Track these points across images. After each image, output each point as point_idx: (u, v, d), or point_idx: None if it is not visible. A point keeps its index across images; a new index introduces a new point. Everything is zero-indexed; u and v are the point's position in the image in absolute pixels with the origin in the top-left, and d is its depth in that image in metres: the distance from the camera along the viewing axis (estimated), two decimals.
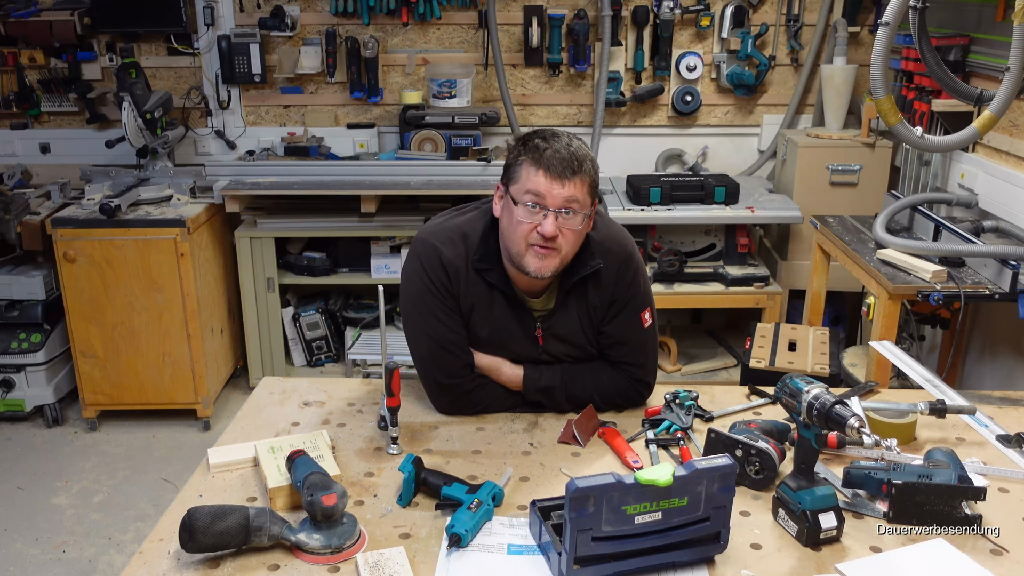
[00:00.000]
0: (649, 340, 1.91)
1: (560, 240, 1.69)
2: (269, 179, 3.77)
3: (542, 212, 1.67)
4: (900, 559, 1.38)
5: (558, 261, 1.72)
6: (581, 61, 3.97)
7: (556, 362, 1.87)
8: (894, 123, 2.60)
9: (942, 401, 1.76)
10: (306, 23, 4.00)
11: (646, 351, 1.90)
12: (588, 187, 1.69)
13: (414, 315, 1.84)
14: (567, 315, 1.85)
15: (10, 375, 3.68)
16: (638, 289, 1.86)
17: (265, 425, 1.81)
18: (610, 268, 1.82)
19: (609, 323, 1.86)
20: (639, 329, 1.88)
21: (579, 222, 1.70)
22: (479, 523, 1.44)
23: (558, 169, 1.66)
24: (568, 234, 1.70)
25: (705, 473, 1.32)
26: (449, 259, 1.79)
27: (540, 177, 1.66)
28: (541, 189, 1.66)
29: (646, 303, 1.90)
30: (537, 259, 1.71)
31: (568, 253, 1.73)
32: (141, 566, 1.36)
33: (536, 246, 1.70)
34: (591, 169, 1.70)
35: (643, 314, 1.88)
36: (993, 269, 2.65)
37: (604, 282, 1.82)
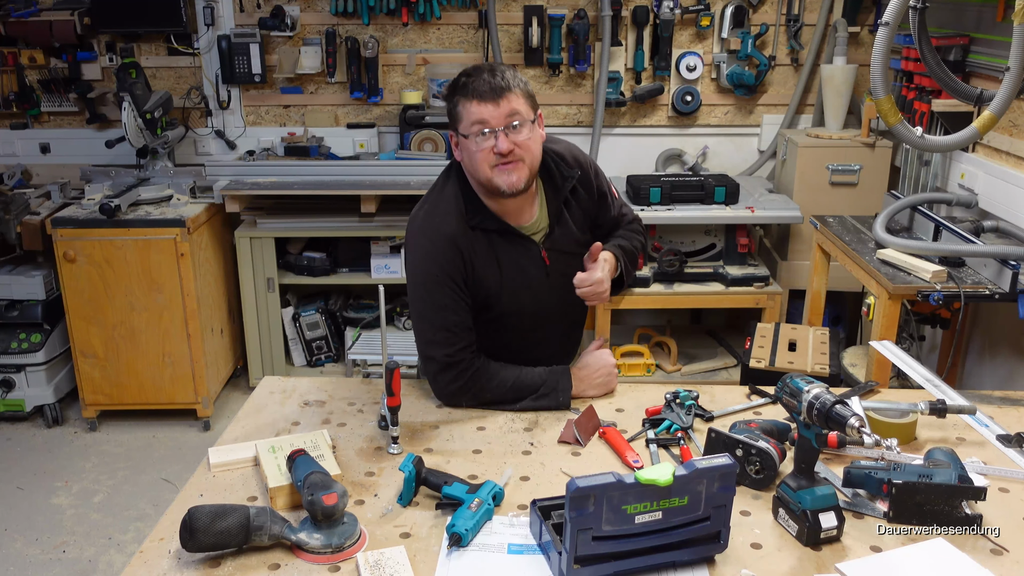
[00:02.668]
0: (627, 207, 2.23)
1: (518, 151, 1.82)
2: (269, 179, 3.77)
3: (492, 134, 1.81)
4: (900, 559, 1.38)
5: (526, 171, 1.85)
6: (581, 61, 3.97)
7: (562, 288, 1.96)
8: (894, 123, 2.60)
9: (942, 401, 1.76)
10: (306, 23, 4.00)
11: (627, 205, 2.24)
12: (523, 99, 1.84)
13: (420, 303, 1.92)
14: (565, 229, 2.00)
15: (10, 375, 3.68)
16: (605, 177, 2.13)
17: (265, 425, 1.81)
18: (586, 174, 2.04)
19: (605, 214, 2.12)
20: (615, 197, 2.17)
21: (527, 132, 1.83)
22: (479, 523, 1.44)
23: (489, 94, 1.80)
24: (523, 144, 1.83)
25: (705, 473, 1.32)
26: (453, 232, 1.88)
27: (476, 106, 1.81)
28: (483, 115, 1.80)
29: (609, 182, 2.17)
30: (505, 175, 1.83)
31: (532, 162, 1.86)
32: (141, 566, 1.36)
33: (499, 165, 1.83)
34: (520, 83, 1.85)
35: (612, 189, 2.16)
36: (993, 269, 2.65)
37: (590, 186, 2.05)
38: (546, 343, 2.08)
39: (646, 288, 3.58)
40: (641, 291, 3.58)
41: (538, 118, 1.88)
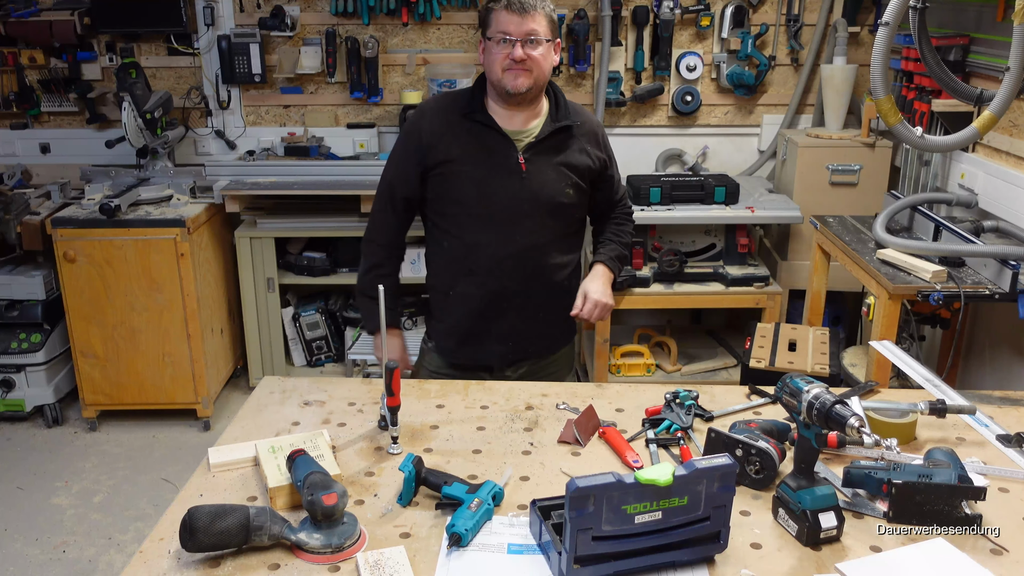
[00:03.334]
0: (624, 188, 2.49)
1: (529, 62, 2.09)
2: (269, 179, 3.77)
3: (510, 43, 2.08)
4: (900, 559, 1.37)
5: (531, 80, 2.11)
6: (581, 61, 3.97)
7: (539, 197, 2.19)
8: (894, 123, 2.60)
9: (942, 401, 1.76)
10: (306, 23, 4.00)
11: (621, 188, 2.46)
12: (546, 22, 2.10)
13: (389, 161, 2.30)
14: (554, 151, 2.21)
15: (10, 375, 3.68)
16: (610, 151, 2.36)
17: (265, 425, 1.81)
18: (598, 132, 2.30)
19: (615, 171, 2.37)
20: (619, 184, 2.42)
21: (542, 50, 2.10)
22: (479, 522, 1.44)
23: (518, 7, 2.07)
24: (535, 58, 2.09)
25: (705, 473, 1.32)
26: (433, 107, 2.25)
27: (504, 15, 2.08)
28: (507, 27, 2.08)
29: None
30: (512, 77, 2.10)
31: (539, 76, 2.12)
32: (141, 566, 1.36)
33: (510, 69, 2.10)
34: (546, 7, 2.11)
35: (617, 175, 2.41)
36: (993, 269, 2.65)
37: (598, 141, 2.29)
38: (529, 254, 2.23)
39: (646, 288, 3.58)
40: (641, 291, 3.58)
41: (555, 44, 2.15)
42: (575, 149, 2.23)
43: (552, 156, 2.20)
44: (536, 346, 2.36)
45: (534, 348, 2.35)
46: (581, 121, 2.25)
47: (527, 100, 2.16)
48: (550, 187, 2.19)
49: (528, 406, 1.89)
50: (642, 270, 3.60)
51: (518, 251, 2.21)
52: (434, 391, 1.97)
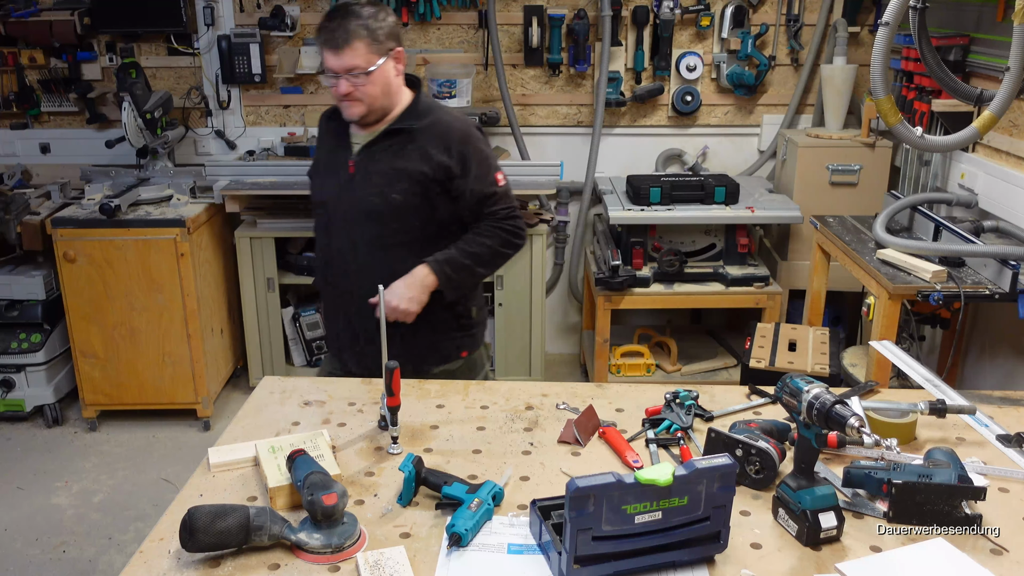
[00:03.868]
0: (509, 192, 2.29)
1: (355, 94, 2.12)
2: (269, 179, 3.77)
3: (335, 78, 2.12)
4: (900, 559, 1.38)
5: (364, 108, 2.15)
6: (581, 61, 3.97)
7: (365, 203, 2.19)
8: (894, 123, 2.60)
9: (942, 401, 1.76)
10: (306, 23, 4.00)
11: (510, 198, 2.28)
12: (366, 49, 2.08)
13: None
14: (387, 154, 2.19)
15: (10, 375, 3.68)
16: (484, 157, 2.24)
17: (265, 425, 1.81)
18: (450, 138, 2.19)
19: (472, 182, 2.20)
20: (496, 185, 2.25)
21: (364, 81, 2.11)
22: (479, 522, 1.44)
23: (331, 44, 2.09)
24: (362, 88, 2.11)
25: (705, 473, 1.32)
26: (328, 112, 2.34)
27: (325, 53, 2.11)
28: (329, 63, 2.11)
29: (497, 168, 2.27)
30: (346, 108, 2.16)
31: (372, 102, 2.14)
32: (141, 566, 1.36)
33: (343, 101, 2.15)
34: (364, 33, 2.08)
35: (496, 176, 2.26)
36: (993, 269, 2.65)
37: (449, 147, 2.19)
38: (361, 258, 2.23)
39: (646, 288, 3.58)
40: (641, 291, 3.58)
41: (394, 55, 2.14)
42: (413, 154, 2.18)
43: (384, 160, 2.19)
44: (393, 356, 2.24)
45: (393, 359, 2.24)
46: (429, 125, 2.19)
47: (372, 121, 2.20)
48: (375, 192, 2.17)
49: (528, 406, 1.89)
50: (642, 270, 3.60)
51: (350, 254, 2.23)
52: (434, 391, 1.97)
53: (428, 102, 2.26)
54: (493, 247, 2.25)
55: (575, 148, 4.13)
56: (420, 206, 2.19)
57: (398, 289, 2.16)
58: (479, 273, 2.27)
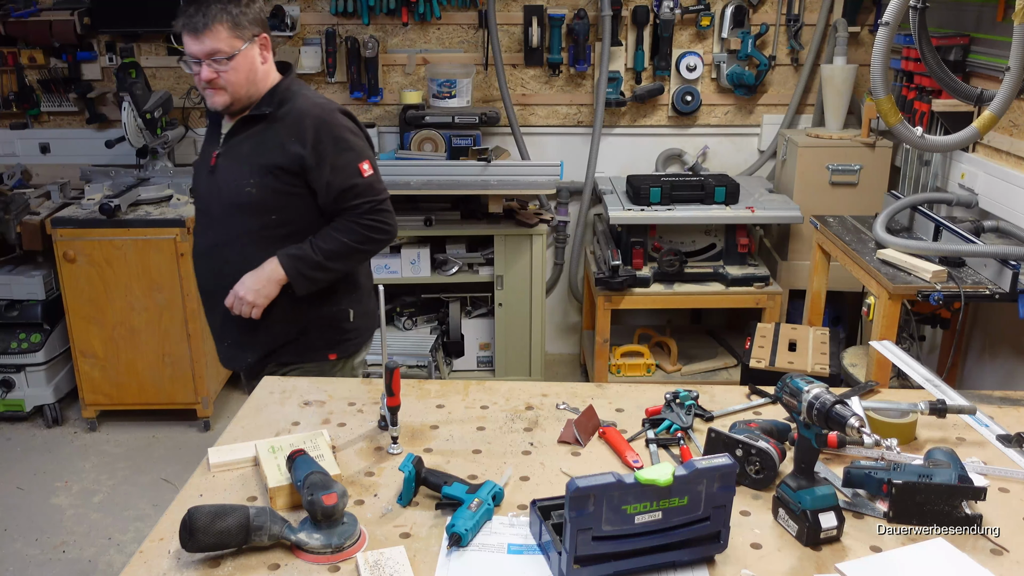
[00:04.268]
0: (376, 184, 2.17)
1: (219, 81, 2.05)
2: None
3: (197, 64, 2.05)
4: (900, 559, 1.37)
5: (227, 97, 2.07)
6: (581, 61, 3.97)
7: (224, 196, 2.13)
8: (894, 123, 2.60)
9: (942, 401, 1.76)
10: (306, 23, 4.00)
11: (375, 190, 2.16)
12: (228, 33, 2.02)
13: None
14: (245, 144, 2.12)
15: (10, 375, 3.68)
16: (346, 145, 2.12)
17: (265, 425, 1.81)
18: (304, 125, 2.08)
19: (328, 174, 2.09)
20: (360, 175, 2.13)
21: (227, 66, 2.04)
22: (479, 523, 1.44)
23: (190, 28, 2.02)
24: (225, 75, 2.04)
25: (705, 473, 1.32)
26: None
27: (186, 38, 2.04)
28: (189, 48, 2.04)
29: (361, 157, 2.15)
30: (209, 97, 2.09)
31: (237, 89, 2.07)
32: (141, 566, 1.36)
33: (206, 89, 2.08)
34: (225, 17, 2.01)
35: (360, 165, 2.13)
36: (993, 269, 2.65)
37: (303, 136, 2.08)
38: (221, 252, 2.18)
39: (646, 288, 3.58)
40: (641, 291, 3.58)
41: (259, 41, 2.09)
42: (271, 143, 2.10)
43: (242, 150, 2.13)
44: (255, 352, 2.24)
45: (256, 354, 2.24)
46: (285, 112, 2.11)
47: (238, 111, 2.13)
48: (233, 183, 2.12)
49: (528, 406, 1.89)
50: (642, 270, 3.60)
51: (212, 248, 2.20)
52: (434, 391, 1.97)
53: (291, 87, 2.15)
54: (349, 243, 2.14)
55: (575, 148, 4.13)
56: (278, 200, 2.11)
57: (246, 281, 2.12)
58: (333, 269, 2.16)
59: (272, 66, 2.16)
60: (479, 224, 3.83)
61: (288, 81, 2.16)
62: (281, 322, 2.20)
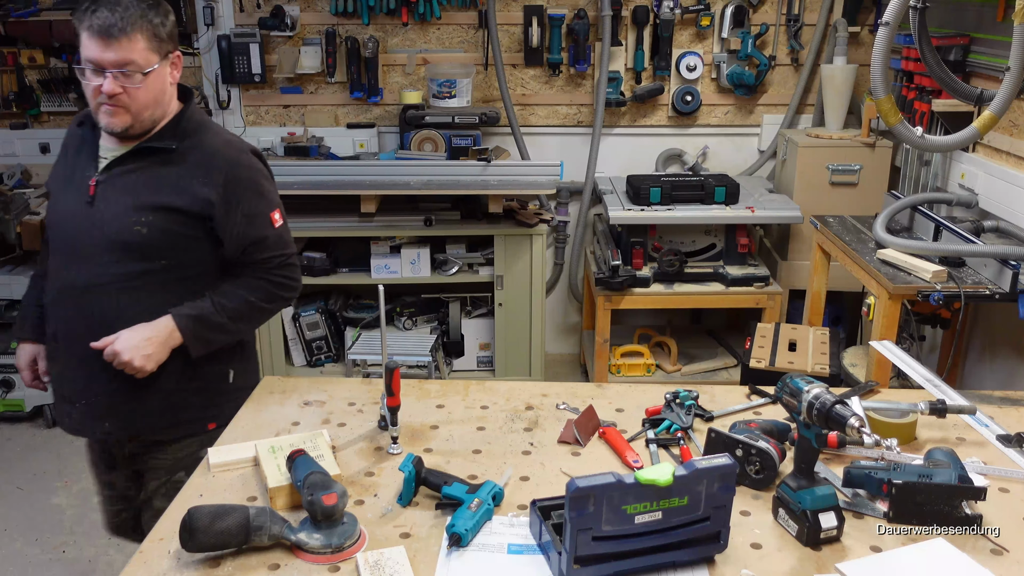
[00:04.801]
0: (285, 235, 1.98)
1: (124, 98, 1.76)
2: None
3: (101, 74, 1.75)
4: (900, 559, 1.37)
5: (128, 118, 1.78)
6: (581, 61, 3.97)
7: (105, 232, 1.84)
8: (894, 123, 2.60)
9: (942, 401, 1.76)
10: (306, 23, 4.00)
11: (285, 242, 1.97)
12: (146, 44, 1.75)
13: None
14: (136, 176, 1.84)
15: (10, 375, 3.68)
16: (259, 192, 1.91)
17: (265, 425, 1.81)
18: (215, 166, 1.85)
19: (239, 223, 1.88)
20: (271, 226, 1.93)
21: (139, 81, 1.76)
22: (479, 523, 1.44)
23: (103, 31, 1.73)
24: (132, 92, 1.76)
25: (705, 473, 1.32)
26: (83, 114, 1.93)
27: (90, 41, 1.75)
28: (93, 54, 1.74)
29: (273, 206, 1.95)
30: (106, 116, 1.79)
31: (140, 110, 1.79)
32: (141, 566, 1.36)
33: (104, 104, 1.78)
34: (146, 25, 1.75)
35: (272, 215, 1.94)
36: (993, 269, 2.65)
37: (213, 178, 1.84)
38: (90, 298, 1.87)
39: (646, 288, 3.58)
40: (641, 291, 3.58)
41: (173, 59, 1.84)
42: (171, 180, 1.83)
43: (133, 182, 1.83)
44: (119, 423, 1.94)
45: (118, 426, 1.94)
46: (192, 147, 1.85)
47: (134, 135, 1.84)
48: (118, 219, 1.82)
49: (528, 406, 1.89)
50: (642, 270, 3.60)
51: (78, 290, 1.87)
52: (434, 391, 1.97)
53: (197, 118, 1.91)
54: (256, 303, 1.92)
55: (575, 148, 4.13)
56: (172, 244, 1.85)
57: (133, 339, 1.81)
58: (235, 332, 1.94)
59: (176, 89, 1.90)
60: (479, 224, 3.83)
61: (191, 110, 1.90)
62: (157, 388, 1.90)
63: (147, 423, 1.94)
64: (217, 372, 1.99)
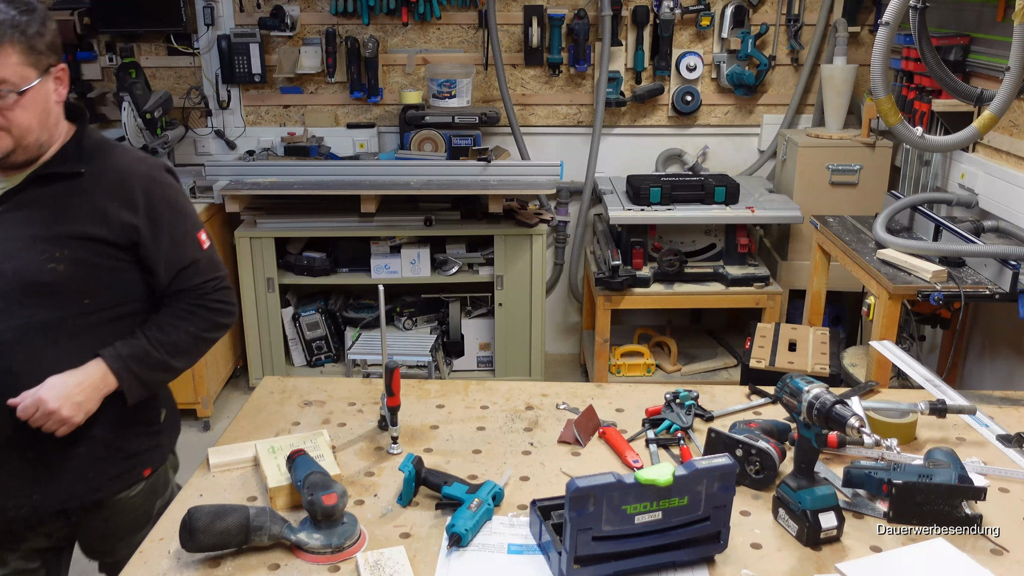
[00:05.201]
0: (215, 257, 1.78)
1: (1, 120, 1.52)
2: (269, 179, 3.77)
3: None
4: (900, 559, 1.38)
5: (11, 142, 1.54)
6: (581, 61, 3.97)
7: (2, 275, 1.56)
8: (894, 123, 2.60)
9: (942, 401, 1.76)
10: (306, 23, 4.00)
11: (216, 264, 1.76)
12: (17, 60, 1.50)
13: None
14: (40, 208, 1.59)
15: None
16: (182, 212, 1.71)
17: (265, 425, 1.81)
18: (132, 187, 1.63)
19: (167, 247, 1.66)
20: (200, 248, 1.74)
21: (15, 103, 1.52)
22: (479, 523, 1.44)
23: None
24: (10, 114, 1.52)
25: (705, 473, 1.32)
26: None
27: None
28: None
29: (198, 226, 1.76)
30: None
31: (24, 134, 1.55)
32: (141, 566, 1.36)
33: None
34: (17, 37, 1.50)
35: (199, 236, 1.74)
36: (993, 269, 2.65)
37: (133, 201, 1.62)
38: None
39: (646, 288, 3.58)
40: (641, 291, 3.58)
41: (56, 73, 1.59)
42: (85, 208, 1.59)
43: (36, 215, 1.58)
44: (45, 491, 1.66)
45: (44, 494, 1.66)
46: (101, 170, 1.62)
47: (20, 162, 1.58)
48: (24, 259, 1.55)
49: (528, 406, 1.89)
50: (642, 270, 3.60)
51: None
52: (434, 391, 1.97)
53: (97, 138, 1.69)
54: (197, 333, 1.71)
55: (575, 148, 4.13)
56: (96, 279, 1.61)
57: (59, 388, 1.55)
58: (176, 368, 1.70)
59: (63, 107, 1.66)
60: (479, 224, 3.83)
61: (90, 130, 1.69)
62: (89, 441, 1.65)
63: (81, 486, 1.68)
64: (151, 414, 1.78)
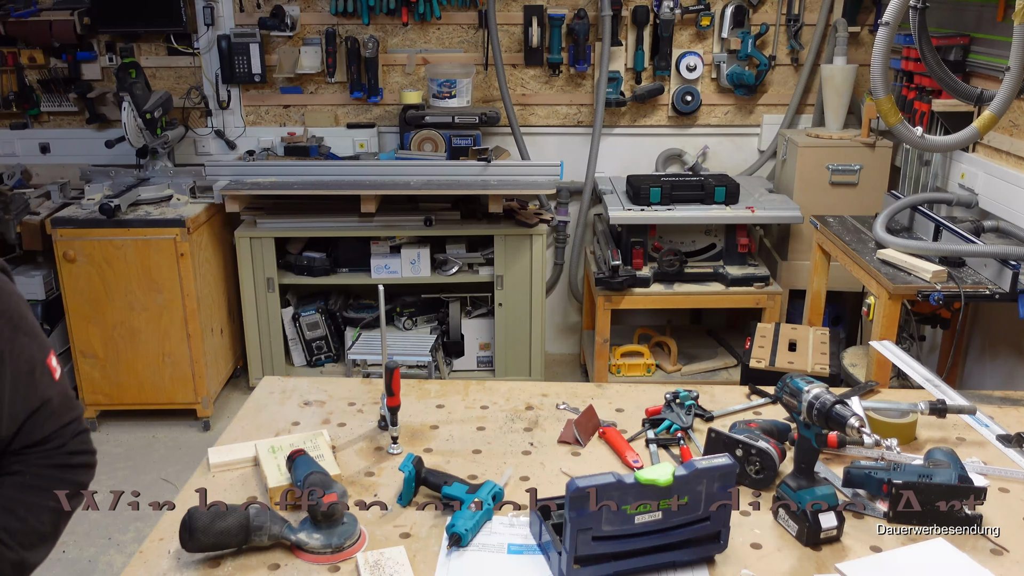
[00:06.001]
0: (68, 389, 1.30)
1: None
2: (269, 179, 3.77)
3: None
4: (900, 559, 1.38)
5: None
6: (581, 61, 3.97)
7: None
8: (894, 123, 2.60)
9: (942, 401, 1.76)
10: (306, 23, 4.00)
11: (71, 401, 1.28)
12: None
13: None
14: None
15: None
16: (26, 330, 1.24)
17: (265, 425, 1.81)
18: None
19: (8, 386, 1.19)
20: (52, 381, 1.25)
21: None
22: (479, 523, 1.44)
23: None
24: None
25: (705, 473, 1.32)
26: None
27: None
28: None
29: (46, 348, 1.27)
30: None
31: None
32: (141, 566, 1.36)
33: None
34: None
35: (48, 363, 1.26)
36: (993, 269, 2.65)
37: None
38: None
39: (646, 288, 3.58)
40: (641, 291, 3.58)
41: None
42: None
43: None
44: None
45: None
46: None
47: None
48: None
49: (528, 406, 1.89)
50: (642, 270, 3.60)
51: None
52: (434, 391, 1.97)
53: None
54: (58, 508, 1.25)
55: (575, 148, 4.13)
56: None
57: None
58: (31, 566, 1.24)
59: None
60: (479, 224, 3.83)
61: None
62: None
63: None
64: None
